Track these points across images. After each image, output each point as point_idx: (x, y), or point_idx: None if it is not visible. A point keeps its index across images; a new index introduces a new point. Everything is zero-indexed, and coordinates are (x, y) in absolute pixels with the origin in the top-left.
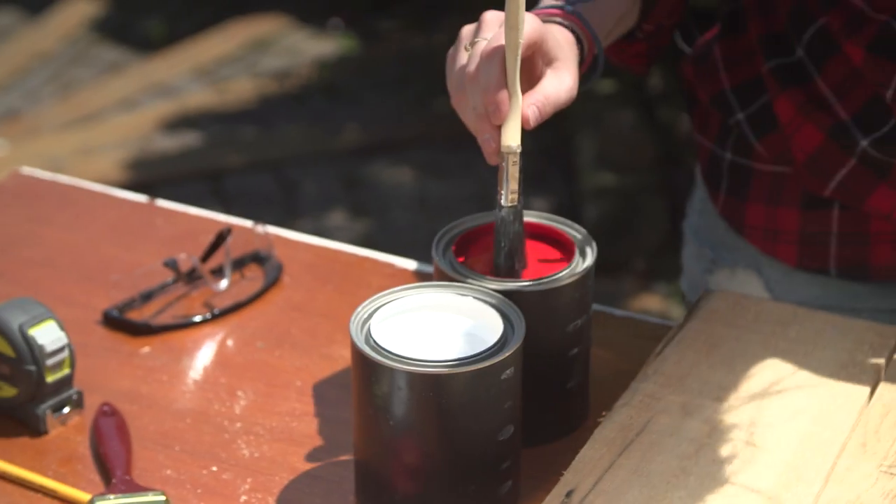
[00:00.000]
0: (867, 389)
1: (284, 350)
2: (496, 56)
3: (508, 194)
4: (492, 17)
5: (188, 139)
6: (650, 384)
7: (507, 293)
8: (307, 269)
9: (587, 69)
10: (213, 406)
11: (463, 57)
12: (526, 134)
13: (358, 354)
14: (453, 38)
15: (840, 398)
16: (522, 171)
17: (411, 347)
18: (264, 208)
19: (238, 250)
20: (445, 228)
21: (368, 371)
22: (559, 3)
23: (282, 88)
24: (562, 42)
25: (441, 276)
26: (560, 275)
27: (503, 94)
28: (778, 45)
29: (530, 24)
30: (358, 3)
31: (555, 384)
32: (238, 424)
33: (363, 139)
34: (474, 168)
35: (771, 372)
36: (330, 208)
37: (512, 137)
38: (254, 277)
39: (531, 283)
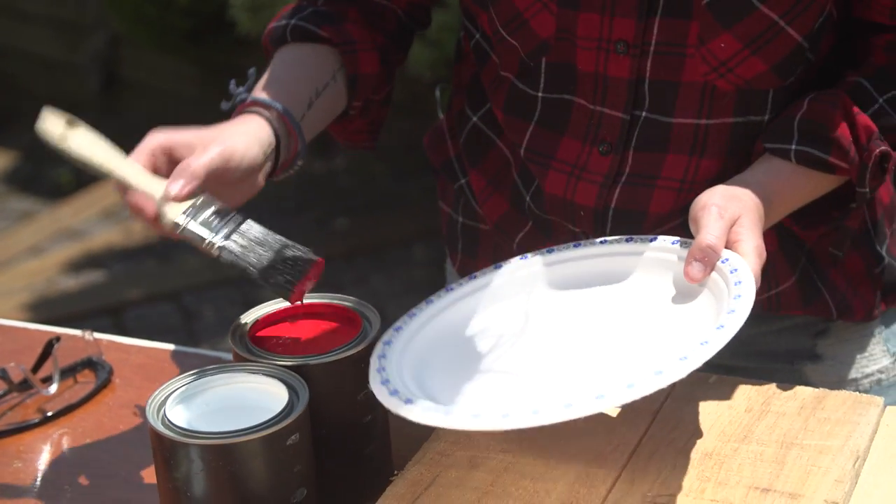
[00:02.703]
0: (641, 430)
1: (111, 444)
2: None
3: (206, 248)
4: None
5: (91, 277)
6: (441, 443)
7: (294, 367)
8: (138, 370)
9: (297, 143)
10: (40, 502)
11: None
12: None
13: (154, 434)
14: (352, 161)
15: (616, 440)
16: (204, 224)
17: (204, 424)
18: (164, 337)
19: (72, 358)
20: (243, 315)
21: (164, 449)
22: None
23: None
24: (198, 132)
25: (237, 358)
26: (344, 347)
27: (132, 195)
28: (462, 119)
29: (152, 137)
30: None
31: (352, 450)
32: None
33: None
34: (369, 281)
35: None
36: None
37: (166, 215)
38: (86, 382)
39: (317, 356)
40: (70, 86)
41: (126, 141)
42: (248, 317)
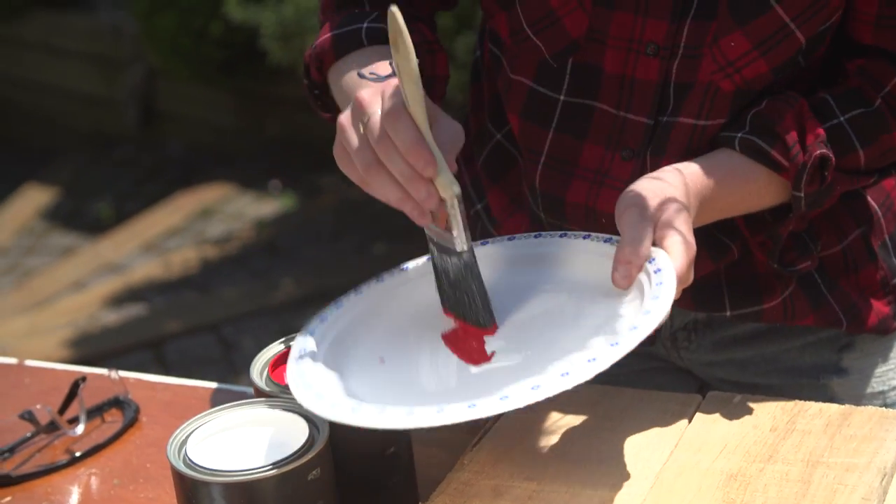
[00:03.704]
0: (666, 453)
1: (138, 484)
2: (400, 115)
3: (465, 237)
4: (368, 94)
5: (132, 311)
6: (465, 473)
7: None
8: (165, 408)
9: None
10: None
11: (359, 138)
12: None
13: (175, 474)
14: None
15: (640, 464)
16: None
17: (226, 461)
18: (205, 369)
19: (99, 397)
20: (263, 350)
21: (186, 488)
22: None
23: (223, 252)
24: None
25: (258, 393)
26: None
27: (426, 147)
28: (483, 137)
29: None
30: (297, 163)
31: (375, 482)
32: None
33: (297, 291)
34: None
35: (578, 448)
36: None
37: (451, 182)
38: (113, 421)
39: None
40: (108, 120)
41: (166, 172)
42: (268, 352)
